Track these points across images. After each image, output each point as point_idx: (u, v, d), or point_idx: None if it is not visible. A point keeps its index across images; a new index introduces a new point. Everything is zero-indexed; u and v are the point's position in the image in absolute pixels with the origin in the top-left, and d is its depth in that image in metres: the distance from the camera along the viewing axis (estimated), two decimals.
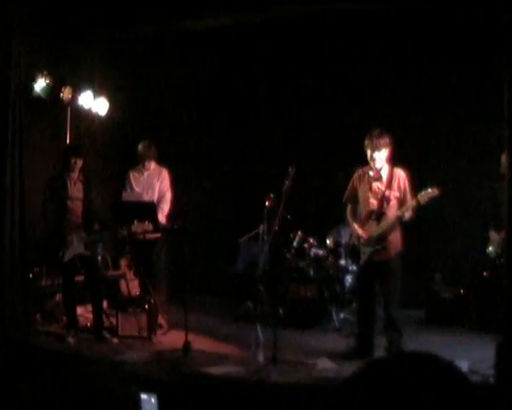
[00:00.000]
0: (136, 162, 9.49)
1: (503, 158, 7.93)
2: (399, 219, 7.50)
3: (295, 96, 10.93)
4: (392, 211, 7.53)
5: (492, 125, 8.24)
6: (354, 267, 9.28)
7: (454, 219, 10.16)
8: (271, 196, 9.07)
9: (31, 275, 8.93)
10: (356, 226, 7.80)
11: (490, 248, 8.49)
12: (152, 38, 10.38)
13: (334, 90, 10.68)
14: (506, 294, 6.28)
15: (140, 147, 9.39)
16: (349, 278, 9.66)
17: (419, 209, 7.43)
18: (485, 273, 8.83)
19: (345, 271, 9.65)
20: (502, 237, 8.22)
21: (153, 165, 9.42)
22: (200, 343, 8.13)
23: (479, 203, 9.43)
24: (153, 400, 2.42)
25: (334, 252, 9.73)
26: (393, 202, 7.56)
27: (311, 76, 10.77)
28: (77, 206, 8.46)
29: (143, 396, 2.19)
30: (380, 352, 7.60)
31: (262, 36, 10.34)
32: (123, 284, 9.96)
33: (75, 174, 8.48)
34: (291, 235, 9.95)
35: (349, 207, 8.00)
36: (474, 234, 9.24)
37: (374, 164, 7.59)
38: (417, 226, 7.94)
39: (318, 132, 10.90)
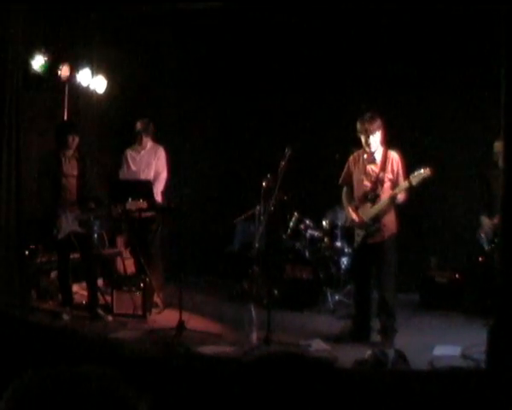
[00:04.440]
0: (133, 141, 9.47)
1: (497, 145, 7.93)
2: (393, 201, 7.50)
3: (292, 77, 10.88)
4: (386, 193, 7.52)
5: (488, 111, 8.23)
6: (350, 249, 9.31)
7: (450, 202, 10.15)
8: (268, 176, 9.06)
9: (26, 252, 8.94)
10: (350, 209, 7.81)
11: (481, 234, 8.45)
12: (150, 14, 10.35)
13: (330, 72, 10.64)
14: (499, 279, 6.29)
15: (138, 123, 9.38)
16: (345, 260, 9.66)
17: (414, 192, 7.45)
18: (480, 258, 8.83)
19: (340, 252, 9.65)
20: (493, 223, 8.21)
21: (149, 143, 9.39)
22: (195, 323, 8.14)
23: (474, 187, 9.42)
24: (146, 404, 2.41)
25: (330, 234, 9.71)
26: (387, 185, 7.55)
27: (308, 57, 10.74)
28: (71, 183, 8.44)
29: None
30: (375, 335, 7.64)
31: (258, 16, 10.33)
32: (119, 262, 9.99)
33: (70, 151, 8.45)
34: (287, 216, 9.94)
35: (345, 189, 7.98)
36: (470, 218, 9.23)
37: (370, 149, 7.58)
38: (412, 210, 7.95)
39: (315, 113, 10.88)
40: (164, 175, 9.34)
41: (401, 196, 7.46)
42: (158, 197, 9.10)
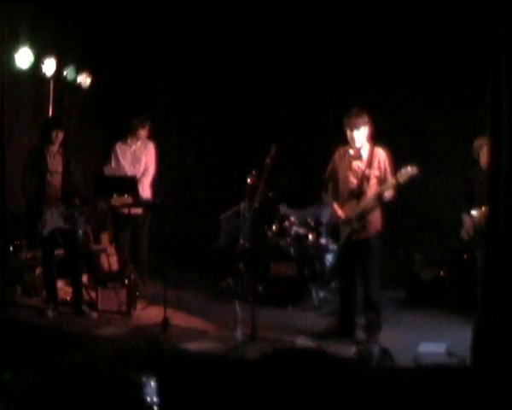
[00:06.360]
0: (124, 136, 9.45)
1: (476, 143, 7.90)
2: (379, 198, 7.48)
3: (278, 73, 10.88)
4: (372, 190, 7.49)
5: (468, 108, 8.24)
6: (334, 246, 9.30)
7: (435, 199, 10.17)
8: (254, 172, 9.05)
9: (11, 248, 8.91)
10: (335, 206, 7.78)
11: (463, 231, 8.34)
12: (136, 8, 10.34)
13: (317, 69, 10.64)
14: (483, 276, 6.31)
15: (136, 119, 9.39)
16: (329, 257, 9.67)
17: (399, 189, 7.44)
18: (464, 255, 8.83)
19: (325, 250, 9.66)
20: (475, 219, 8.05)
21: (142, 139, 9.40)
22: (179, 319, 8.13)
23: (459, 184, 9.43)
24: (152, 383, 2.42)
25: (315, 231, 9.72)
26: (373, 181, 7.51)
27: (294, 53, 10.74)
28: (56, 179, 8.39)
29: (144, 379, 2.18)
30: (360, 332, 7.64)
31: (245, 12, 10.34)
32: (103, 258, 9.94)
33: (55, 147, 8.40)
34: (272, 213, 9.93)
35: (330, 186, 7.93)
36: (455, 215, 9.23)
37: (354, 143, 7.55)
38: (398, 207, 7.94)
39: (301, 110, 10.88)
40: (152, 170, 9.38)
41: (388, 194, 7.44)
42: (145, 192, 9.10)
